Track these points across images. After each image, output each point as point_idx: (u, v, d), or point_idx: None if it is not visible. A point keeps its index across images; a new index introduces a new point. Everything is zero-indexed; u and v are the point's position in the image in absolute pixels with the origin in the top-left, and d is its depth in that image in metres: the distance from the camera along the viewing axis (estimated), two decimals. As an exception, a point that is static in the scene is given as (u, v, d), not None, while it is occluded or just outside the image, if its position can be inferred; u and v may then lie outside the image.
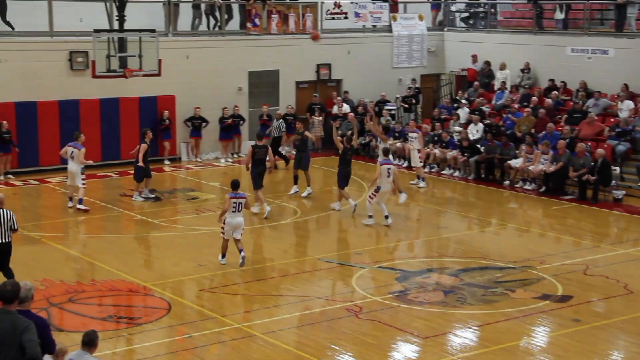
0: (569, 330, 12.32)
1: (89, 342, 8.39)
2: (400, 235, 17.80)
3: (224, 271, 14.94)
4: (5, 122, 21.95)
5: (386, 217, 17.85)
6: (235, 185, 15.00)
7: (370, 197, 18.07)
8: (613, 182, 20.62)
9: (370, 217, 17.97)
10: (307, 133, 21.35)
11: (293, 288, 14.18)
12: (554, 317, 12.86)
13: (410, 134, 22.75)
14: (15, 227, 12.95)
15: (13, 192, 21.07)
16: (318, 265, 15.37)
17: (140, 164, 19.39)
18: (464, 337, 12.14)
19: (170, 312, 12.84)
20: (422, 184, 21.85)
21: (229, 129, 25.39)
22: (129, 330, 12.30)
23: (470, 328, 12.44)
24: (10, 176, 22.21)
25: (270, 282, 14.43)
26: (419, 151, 22.12)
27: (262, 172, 18.74)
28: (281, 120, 24.33)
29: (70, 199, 19.28)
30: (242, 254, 14.81)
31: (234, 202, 14.73)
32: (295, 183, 20.60)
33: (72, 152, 18.86)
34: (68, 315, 12.71)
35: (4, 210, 12.83)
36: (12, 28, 23.13)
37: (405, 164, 24.10)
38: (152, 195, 19.97)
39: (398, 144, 24.55)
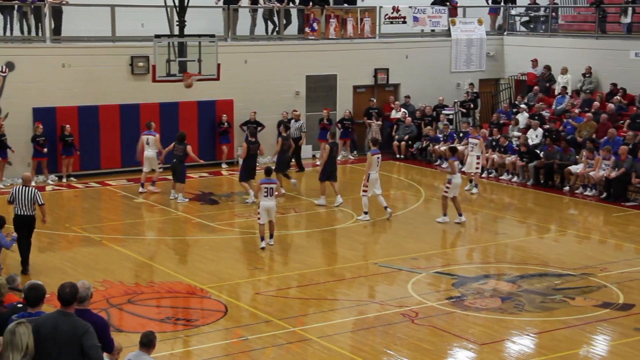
0: (630, 340, 12.08)
1: (147, 343, 8.53)
2: (457, 241, 17.68)
3: (279, 274, 15.03)
4: (68, 125, 22.37)
5: (385, 207, 18.64)
6: (268, 171, 16.41)
7: (363, 190, 18.60)
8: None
9: (366, 213, 18.60)
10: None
11: (348, 292, 14.16)
12: (615, 326, 12.62)
13: (471, 140, 22.23)
14: (41, 202, 14.63)
15: (75, 194, 21.49)
16: (374, 270, 15.33)
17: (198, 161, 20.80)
18: (521, 344, 12.00)
19: (227, 315, 12.94)
20: (475, 190, 21.55)
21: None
22: (186, 332, 12.42)
23: (528, 335, 12.29)
24: (72, 179, 22.63)
25: (326, 286, 14.42)
26: (478, 157, 21.81)
27: (254, 165, 20.22)
28: (301, 122, 24.63)
29: (142, 185, 20.98)
30: (271, 240, 16.31)
31: (265, 187, 16.06)
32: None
33: (148, 139, 21.02)
34: (127, 316, 12.88)
35: (29, 187, 14.59)
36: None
37: (462, 168, 23.66)
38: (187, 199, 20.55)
39: (460, 147, 24.16)
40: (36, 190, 14.63)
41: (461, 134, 24.77)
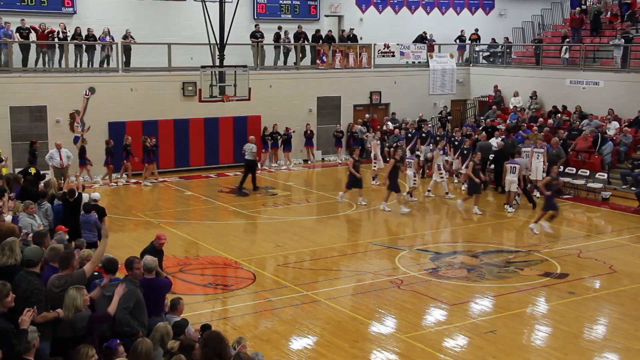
0: (565, 301, 12.09)
1: (172, 306, 8.26)
2: (433, 225, 17.64)
3: (296, 250, 15.03)
4: (129, 137, 21.78)
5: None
6: (512, 154, 18.56)
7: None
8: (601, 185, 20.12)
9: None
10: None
11: (349, 265, 14.16)
12: (554, 290, 12.61)
13: (538, 150, 19.53)
14: (254, 151, 19.29)
15: (139, 188, 21.49)
16: (369, 247, 15.33)
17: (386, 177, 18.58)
18: (482, 304, 11.99)
19: (255, 282, 12.96)
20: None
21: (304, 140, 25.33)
22: (224, 294, 12.46)
23: (487, 298, 12.28)
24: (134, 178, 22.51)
25: (332, 260, 14.43)
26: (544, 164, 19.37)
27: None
28: (360, 127, 25.18)
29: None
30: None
31: (510, 167, 17.92)
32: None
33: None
34: (179, 282, 12.87)
35: (249, 144, 19.25)
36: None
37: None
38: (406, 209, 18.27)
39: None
40: (252, 146, 19.27)
41: (438, 138, 23.83)
